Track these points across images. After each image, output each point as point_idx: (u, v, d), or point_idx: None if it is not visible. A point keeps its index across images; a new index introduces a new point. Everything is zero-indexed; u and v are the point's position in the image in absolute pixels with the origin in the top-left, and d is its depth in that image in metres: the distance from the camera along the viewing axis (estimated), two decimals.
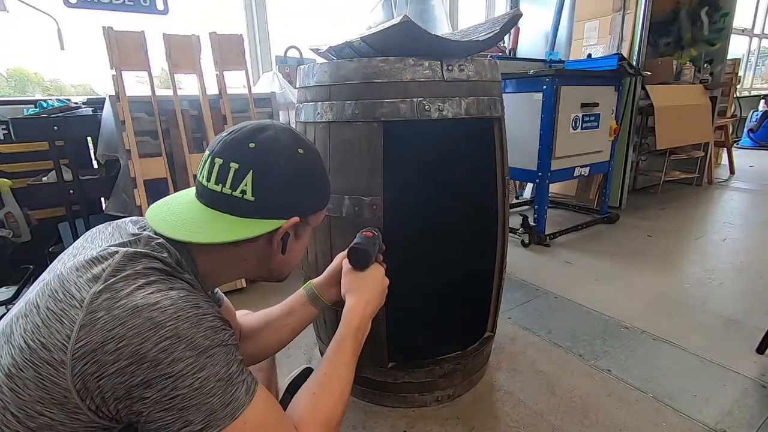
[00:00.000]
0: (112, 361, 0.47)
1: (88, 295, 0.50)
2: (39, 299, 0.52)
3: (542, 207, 2.61)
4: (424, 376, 1.24)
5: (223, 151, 0.62)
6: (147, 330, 0.48)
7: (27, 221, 1.93)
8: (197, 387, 0.49)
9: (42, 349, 0.48)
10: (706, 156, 3.95)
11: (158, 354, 0.48)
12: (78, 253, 0.59)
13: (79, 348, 0.47)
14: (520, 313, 1.83)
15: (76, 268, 0.54)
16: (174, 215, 0.64)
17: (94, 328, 0.48)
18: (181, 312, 0.51)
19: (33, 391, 0.48)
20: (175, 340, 0.49)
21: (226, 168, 0.61)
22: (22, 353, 0.49)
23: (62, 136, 1.81)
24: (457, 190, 1.52)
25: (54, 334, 0.48)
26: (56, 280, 0.53)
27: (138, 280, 0.52)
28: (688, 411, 1.24)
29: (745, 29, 6.33)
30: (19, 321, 0.51)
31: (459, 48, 1.10)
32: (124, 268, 0.53)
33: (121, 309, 0.49)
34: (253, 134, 0.63)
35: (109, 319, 0.48)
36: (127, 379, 0.47)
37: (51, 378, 0.48)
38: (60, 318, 0.49)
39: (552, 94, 2.40)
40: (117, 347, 0.47)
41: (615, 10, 3.20)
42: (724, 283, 2.06)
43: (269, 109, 2.29)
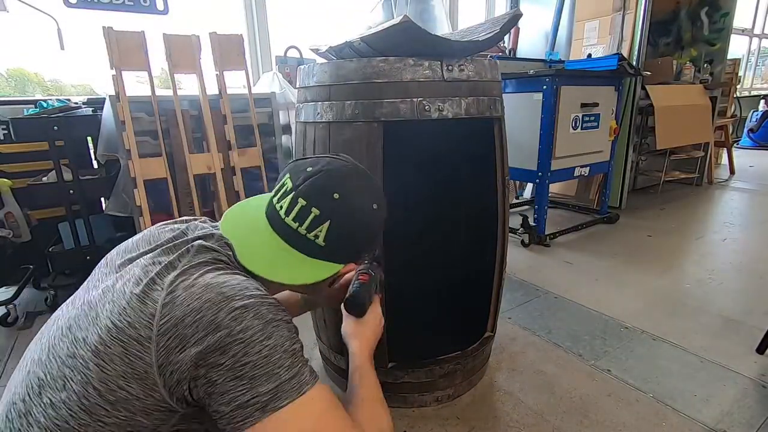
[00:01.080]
0: (191, 333, 0.52)
1: (167, 279, 0.56)
2: (124, 286, 0.58)
3: (542, 207, 2.61)
4: (424, 376, 1.24)
5: (307, 193, 0.66)
6: (220, 301, 0.54)
7: (27, 221, 1.93)
8: (266, 354, 0.53)
9: (129, 327, 0.53)
10: (706, 156, 3.95)
11: (230, 321, 0.53)
12: (144, 246, 0.66)
13: (163, 324, 0.53)
14: (520, 313, 1.83)
15: (158, 261, 0.60)
16: (246, 234, 0.68)
17: (175, 305, 0.54)
18: (246, 289, 0.57)
19: (118, 366, 0.52)
20: (244, 310, 0.54)
21: (307, 211, 0.65)
22: (109, 332, 0.54)
23: (62, 136, 1.81)
24: (457, 190, 1.52)
25: (139, 313, 0.54)
26: (139, 269, 0.59)
27: (208, 266, 0.59)
28: (688, 411, 1.24)
29: (745, 29, 6.33)
30: (105, 306, 0.56)
31: (459, 48, 1.10)
32: (196, 257, 0.60)
33: (196, 287, 0.55)
34: (340, 182, 0.67)
35: (186, 296, 0.54)
36: (204, 346, 0.52)
37: (137, 353, 0.52)
38: (143, 300, 0.55)
39: (552, 94, 2.40)
40: (195, 319, 0.53)
41: (615, 10, 3.20)
42: (724, 283, 2.06)
43: (269, 109, 2.29)
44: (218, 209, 2.14)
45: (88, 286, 0.66)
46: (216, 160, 2.07)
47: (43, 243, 2.00)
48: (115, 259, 0.68)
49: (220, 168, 2.09)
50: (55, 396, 0.52)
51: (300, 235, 0.66)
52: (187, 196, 2.04)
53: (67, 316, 0.60)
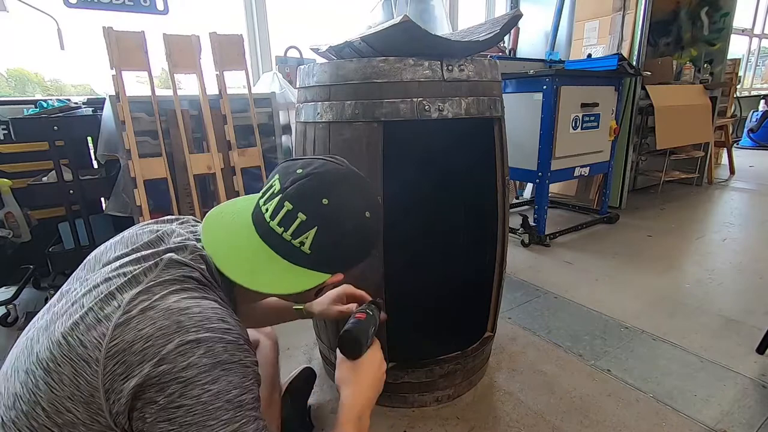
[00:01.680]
0: (137, 362, 0.48)
1: (126, 295, 0.52)
2: (84, 300, 0.54)
3: (542, 207, 2.61)
4: (424, 376, 1.24)
5: (294, 197, 0.60)
6: (173, 332, 0.49)
7: (27, 221, 1.93)
8: (204, 401, 0.48)
9: (80, 345, 0.50)
10: (706, 156, 3.95)
11: (176, 356, 0.48)
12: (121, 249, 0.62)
13: (112, 347, 0.49)
14: (520, 313, 1.83)
15: (122, 272, 0.56)
16: (228, 238, 0.62)
17: (128, 328, 0.50)
18: (207, 320, 0.52)
19: (67, 387, 0.49)
20: (195, 345, 0.49)
21: (293, 215, 0.60)
22: (60, 349, 0.50)
23: (62, 136, 1.81)
24: (457, 190, 1.52)
25: (92, 331, 0.50)
26: (103, 282, 0.55)
27: (174, 286, 0.54)
28: (688, 411, 1.24)
29: (745, 29, 6.33)
30: (62, 318, 0.53)
31: (459, 48, 1.10)
32: (163, 273, 0.55)
33: (154, 310, 0.51)
34: (330, 187, 0.62)
35: (141, 319, 0.50)
36: (144, 379, 0.48)
37: (84, 375, 0.49)
38: (97, 316, 0.51)
39: (552, 94, 2.40)
40: (143, 347, 0.49)
41: (615, 10, 3.19)
42: (724, 283, 2.06)
43: (269, 109, 2.29)
44: None
45: (61, 291, 0.62)
46: (216, 160, 2.07)
47: (43, 243, 2.00)
48: (92, 262, 0.64)
49: (220, 168, 2.09)
50: (6, 414, 0.50)
51: (285, 241, 0.60)
52: (187, 196, 2.04)
53: (34, 328, 0.57)
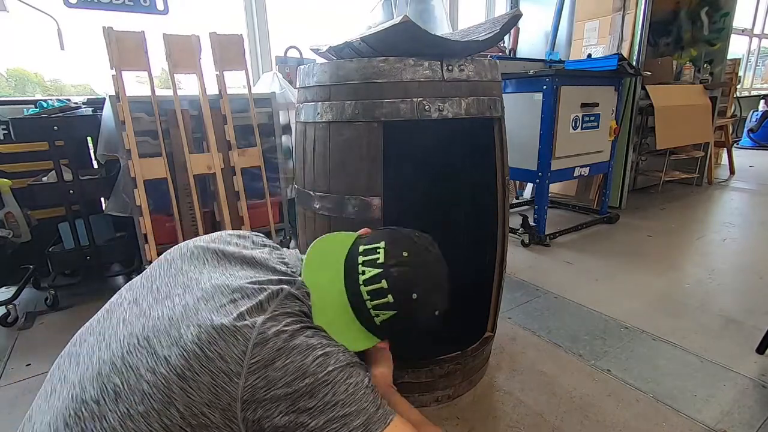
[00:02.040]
0: (280, 376, 0.56)
1: (259, 319, 0.59)
2: (211, 313, 0.59)
3: (542, 207, 2.61)
4: (424, 376, 1.24)
5: (391, 280, 0.68)
6: (305, 349, 0.58)
7: (27, 221, 1.93)
8: (351, 392, 0.58)
9: (219, 359, 0.55)
10: (706, 156, 3.95)
11: (316, 368, 0.57)
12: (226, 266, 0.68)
13: (253, 363, 0.56)
14: (520, 313, 1.83)
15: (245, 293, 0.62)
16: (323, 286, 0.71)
17: (265, 347, 0.57)
18: (322, 338, 0.62)
19: (204, 395, 0.54)
20: (325, 357, 0.59)
21: (383, 294, 0.68)
22: (198, 360, 0.55)
23: (62, 136, 1.81)
24: (456, 190, 1.52)
25: (231, 347, 0.56)
26: (226, 298, 0.61)
27: (293, 317, 0.63)
28: (688, 411, 1.24)
29: (745, 29, 6.33)
30: (190, 329, 0.57)
31: (459, 48, 1.10)
32: (283, 305, 0.63)
33: (284, 333, 0.58)
34: (423, 282, 0.71)
35: (276, 340, 0.57)
36: (292, 391, 0.56)
37: (223, 386, 0.55)
38: (235, 334, 0.57)
39: (552, 94, 2.40)
40: (284, 363, 0.56)
41: (615, 10, 3.19)
42: (724, 283, 2.06)
43: (269, 109, 2.29)
44: (218, 209, 2.14)
45: (151, 286, 0.67)
46: (216, 160, 2.07)
47: (43, 243, 2.00)
48: (178, 262, 0.70)
49: (220, 168, 2.09)
50: (133, 408, 0.54)
51: (365, 306, 0.69)
52: (187, 196, 2.04)
53: (143, 324, 0.60)
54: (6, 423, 1.26)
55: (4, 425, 1.26)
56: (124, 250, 2.10)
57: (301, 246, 1.34)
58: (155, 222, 1.97)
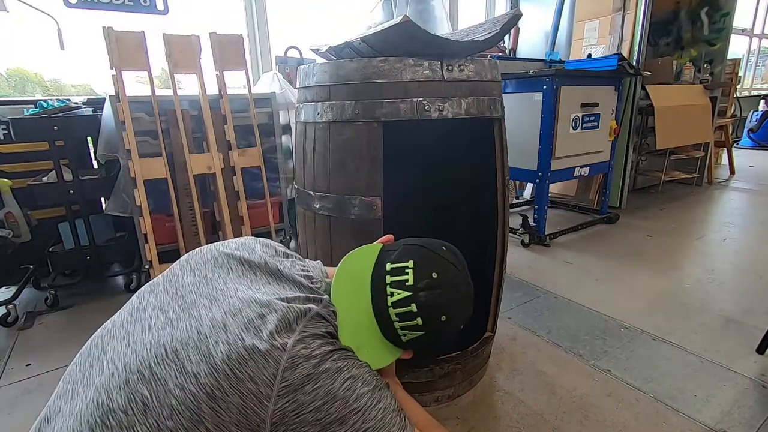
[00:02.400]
0: (309, 400, 0.56)
1: (290, 341, 0.58)
2: (240, 331, 0.58)
3: (542, 207, 2.61)
4: (424, 376, 1.24)
5: (421, 304, 0.69)
6: (334, 372, 0.59)
7: (27, 221, 1.93)
8: (380, 417, 0.60)
9: (249, 380, 0.55)
10: (706, 156, 3.95)
11: (345, 392, 0.58)
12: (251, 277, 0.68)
13: (283, 387, 0.56)
14: (520, 313, 1.83)
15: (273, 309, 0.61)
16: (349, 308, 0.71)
17: (295, 371, 0.57)
18: (348, 359, 0.62)
19: (234, 415, 0.55)
20: (354, 380, 0.60)
21: (412, 316, 0.69)
22: (228, 380, 0.55)
23: (62, 136, 1.81)
24: (456, 190, 1.52)
25: (261, 369, 0.56)
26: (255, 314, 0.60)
27: (322, 339, 0.62)
28: (688, 411, 1.24)
29: (745, 29, 6.33)
30: (219, 346, 0.57)
31: (459, 48, 1.10)
32: (311, 326, 0.62)
33: (313, 357, 0.58)
34: (452, 305, 0.72)
35: (306, 365, 0.58)
36: (323, 416, 0.56)
37: (253, 408, 0.55)
38: (265, 357, 0.57)
39: (552, 94, 2.40)
40: (313, 388, 0.57)
41: (615, 10, 3.20)
42: (724, 283, 2.06)
43: (269, 109, 2.29)
44: (218, 209, 2.14)
45: (177, 293, 0.66)
46: (216, 160, 2.07)
47: (43, 243, 2.00)
48: (201, 269, 0.69)
49: (220, 168, 2.09)
50: (162, 422, 0.54)
51: (392, 327, 0.70)
52: (187, 196, 2.04)
53: (170, 335, 0.60)
54: (6, 423, 1.26)
55: (4, 425, 1.26)
56: (124, 250, 2.10)
57: (301, 246, 1.34)
58: (155, 222, 1.97)
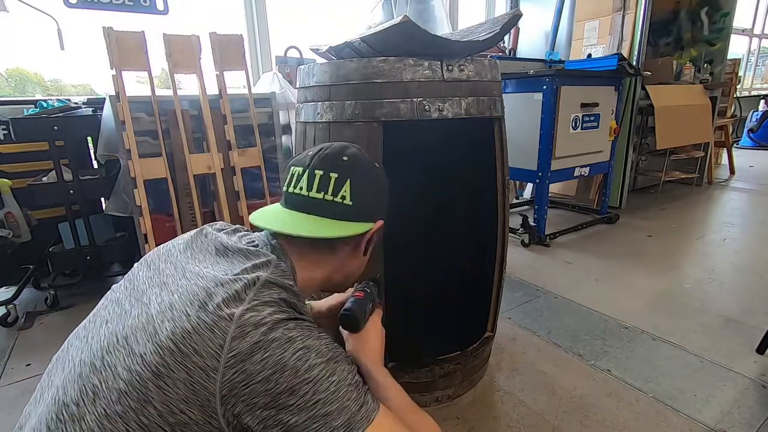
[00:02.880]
0: (258, 370, 0.54)
1: (237, 311, 0.56)
2: (185, 307, 0.57)
3: (542, 207, 2.61)
4: (424, 376, 1.24)
5: (321, 164, 0.71)
6: (284, 342, 0.56)
7: (27, 221, 1.93)
8: (333, 390, 0.56)
9: (195, 354, 0.54)
10: (706, 156, 3.95)
11: (296, 362, 0.55)
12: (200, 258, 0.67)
13: (231, 357, 0.54)
14: (520, 313, 1.83)
15: (220, 283, 0.60)
16: (280, 220, 0.71)
17: (244, 340, 0.54)
18: (304, 329, 0.59)
19: (181, 391, 0.53)
20: (306, 350, 0.57)
21: (326, 178, 0.70)
22: (173, 355, 0.54)
23: (62, 136, 1.81)
24: (456, 190, 1.52)
25: (206, 342, 0.54)
26: (200, 290, 0.59)
27: (273, 306, 0.60)
28: (688, 411, 1.24)
29: (745, 29, 6.33)
30: (164, 324, 0.56)
31: (459, 48, 1.10)
32: (261, 293, 0.60)
33: (264, 325, 0.56)
34: (341, 151, 0.73)
35: (255, 333, 0.55)
36: (272, 386, 0.54)
37: (201, 382, 0.53)
38: (212, 328, 0.55)
39: (552, 94, 2.40)
40: (262, 357, 0.54)
41: (615, 10, 3.20)
42: (724, 283, 2.06)
43: (269, 109, 2.29)
44: (218, 209, 2.14)
45: (134, 287, 0.66)
46: (216, 160, 2.07)
47: (43, 243, 2.00)
48: (156, 262, 0.69)
49: (220, 168, 2.09)
50: (110, 408, 0.53)
51: (328, 202, 0.70)
52: (187, 196, 2.04)
53: (123, 324, 0.59)
54: (6, 423, 1.26)
55: (4, 425, 1.26)
56: (124, 250, 2.10)
57: None
58: (155, 222, 1.97)
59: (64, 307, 1.96)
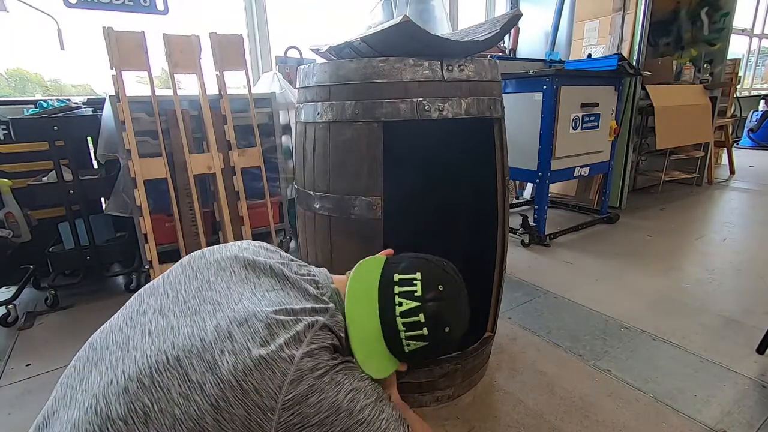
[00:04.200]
0: (314, 413, 0.56)
1: (297, 354, 0.58)
2: (248, 343, 0.57)
3: (542, 207, 2.61)
4: (424, 376, 1.24)
5: (429, 314, 0.70)
6: (337, 385, 0.59)
7: (27, 221, 1.93)
8: (384, 428, 0.60)
9: (254, 392, 0.55)
10: (706, 156, 3.95)
11: (348, 403, 0.58)
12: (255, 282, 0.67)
13: (288, 399, 0.55)
14: (520, 313, 1.83)
15: (281, 323, 0.60)
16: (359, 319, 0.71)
17: (301, 383, 0.56)
18: (351, 371, 0.63)
19: (238, 427, 0.54)
20: (356, 392, 0.60)
21: (419, 326, 0.70)
22: (233, 391, 0.55)
23: (62, 136, 1.81)
24: (456, 190, 1.52)
25: (267, 381, 0.55)
26: (262, 325, 0.59)
27: (328, 351, 0.63)
28: (688, 411, 1.24)
29: (745, 29, 6.33)
30: (225, 356, 0.56)
31: (459, 48, 1.10)
32: (319, 338, 0.62)
33: (318, 370, 0.58)
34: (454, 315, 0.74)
35: (310, 378, 0.57)
36: (328, 428, 0.57)
37: (258, 420, 0.55)
38: (272, 368, 0.56)
39: (552, 94, 2.40)
40: (318, 400, 0.57)
41: (615, 10, 3.20)
42: (724, 283, 2.06)
43: (269, 109, 2.29)
44: (218, 209, 2.14)
45: (177, 295, 0.65)
46: (216, 160, 2.07)
47: (43, 243, 2.00)
48: (204, 272, 0.68)
49: (220, 168, 2.09)
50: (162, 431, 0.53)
51: (397, 337, 0.71)
52: (187, 196, 2.04)
53: (171, 342, 0.58)
54: (6, 423, 1.26)
55: (4, 425, 1.26)
56: (124, 250, 2.10)
57: (301, 246, 1.34)
58: (155, 222, 1.97)
59: (64, 307, 1.96)
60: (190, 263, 0.71)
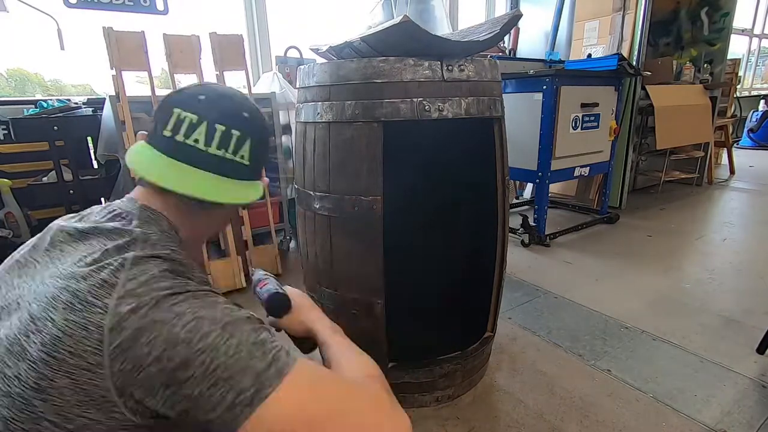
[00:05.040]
0: (146, 353, 0.50)
1: (111, 301, 0.52)
2: (50, 313, 0.53)
3: (542, 207, 2.61)
4: (424, 376, 1.24)
5: (223, 118, 0.66)
6: (171, 318, 0.52)
7: (27, 221, 1.93)
8: (233, 353, 0.52)
9: (71, 356, 0.50)
10: (706, 156, 3.95)
11: (186, 334, 0.51)
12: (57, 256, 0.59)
13: (114, 349, 0.50)
14: (520, 313, 1.83)
15: (82, 276, 0.55)
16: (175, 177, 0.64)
17: (124, 329, 0.51)
18: (196, 299, 0.55)
19: (70, 397, 0.50)
20: (198, 321, 0.53)
21: (228, 134, 0.66)
22: (49, 366, 0.50)
23: (62, 136, 1.81)
24: (457, 190, 1.52)
25: (82, 341, 0.50)
26: (60, 290, 0.54)
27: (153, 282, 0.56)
28: (688, 411, 1.24)
29: (745, 29, 6.33)
30: (31, 338, 0.52)
31: (459, 48, 1.10)
32: (135, 273, 0.55)
33: (144, 307, 0.52)
34: (238, 102, 0.70)
35: (135, 318, 0.51)
36: (165, 364, 0.50)
37: (88, 381, 0.50)
38: (84, 326, 0.51)
39: (552, 94, 2.40)
40: (149, 339, 0.50)
41: (615, 10, 3.20)
42: (724, 283, 2.06)
43: (269, 109, 2.29)
44: None
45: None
46: None
47: None
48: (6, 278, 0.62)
49: None
50: None
51: (227, 160, 0.66)
52: None
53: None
54: None
55: None
56: None
57: (301, 246, 1.34)
58: None
59: None
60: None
